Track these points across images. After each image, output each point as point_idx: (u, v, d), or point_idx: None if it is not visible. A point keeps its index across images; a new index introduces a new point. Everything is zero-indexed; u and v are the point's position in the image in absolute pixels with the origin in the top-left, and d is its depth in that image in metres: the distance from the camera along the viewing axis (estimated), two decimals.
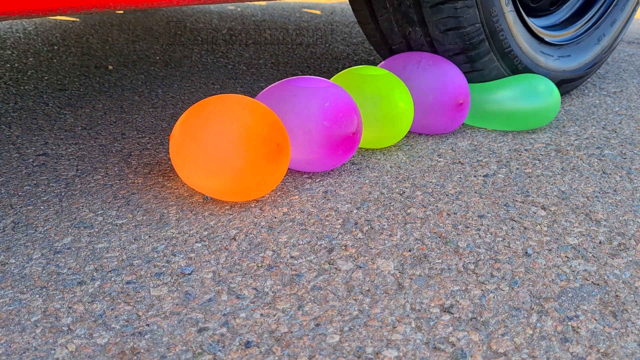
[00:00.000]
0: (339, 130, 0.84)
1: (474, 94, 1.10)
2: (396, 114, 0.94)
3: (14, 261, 0.66)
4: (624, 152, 1.04)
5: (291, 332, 0.56)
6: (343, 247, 0.71)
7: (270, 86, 0.90)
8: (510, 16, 1.16)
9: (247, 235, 0.73)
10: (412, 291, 0.63)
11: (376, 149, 1.02)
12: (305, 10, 2.59)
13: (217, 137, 0.73)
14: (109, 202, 0.80)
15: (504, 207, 0.82)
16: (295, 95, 0.85)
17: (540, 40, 1.25)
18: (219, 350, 0.53)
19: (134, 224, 0.75)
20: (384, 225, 0.76)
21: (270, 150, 0.75)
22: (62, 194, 0.82)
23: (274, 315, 0.58)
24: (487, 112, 1.11)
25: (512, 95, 1.09)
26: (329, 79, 1.00)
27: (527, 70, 1.21)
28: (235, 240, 0.72)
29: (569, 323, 0.58)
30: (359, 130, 0.87)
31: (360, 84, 0.95)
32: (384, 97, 0.94)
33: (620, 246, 0.73)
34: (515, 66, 1.19)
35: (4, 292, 0.61)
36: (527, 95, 1.09)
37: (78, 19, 2.26)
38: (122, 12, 2.40)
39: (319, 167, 0.88)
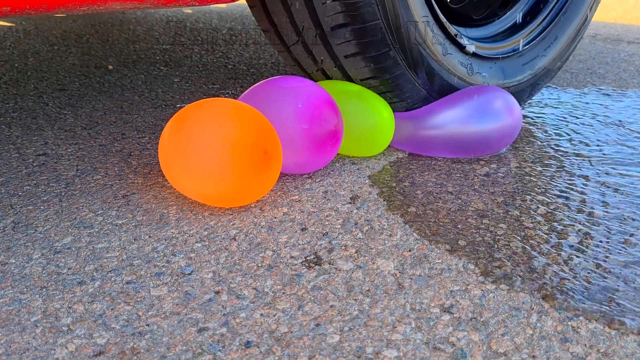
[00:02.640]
0: (319, 129, 0.82)
1: None
2: (380, 121, 0.93)
3: (14, 261, 0.66)
4: (624, 151, 1.04)
5: (291, 332, 0.56)
6: (343, 247, 0.71)
7: (250, 88, 0.87)
8: (480, 79, 1.08)
9: (247, 235, 0.73)
10: (412, 291, 0.63)
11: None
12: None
13: (202, 153, 0.71)
14: (109, 202, 0.80)
15: (504, 207, 0.82)
16: (271, 97, 0.82)
17: (506, 56, 1.15)
18: (219, 350, 0.53)
19: (134, 224, 0.75)
20: (384, 225, 0.76)
21: (259, 160, 0.73)
22: (62, 194, 0.82)
23: (274, 315, 0.58)
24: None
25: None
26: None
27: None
28: (235, 240, 0.72)
29: (569, 323, 0.58)
30: (339, 123, 0.85)
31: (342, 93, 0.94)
32: (368, 102, 0.93)
33: (620, 245, 0.73)
34: None
35: (4, 292, 0.61)
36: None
37: (78, 19, 2.26)
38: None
39: (309, 168, 0.87)
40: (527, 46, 1.16)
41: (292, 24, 0.95)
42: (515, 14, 1.21)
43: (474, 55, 1.07)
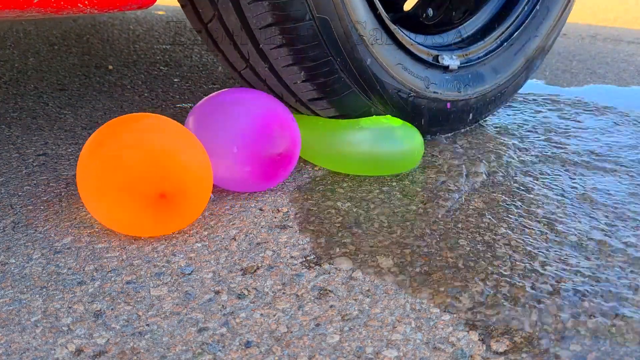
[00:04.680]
0: (266, 151, 0.76)
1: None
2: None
3: (14, 261, 0.66)
4: (623, 151, 1.04)
5: (291, 332, 0.56)
6: (343, 246, 0.71)
7: (204, 99, 0.81)
8: (470, 90, 1.03)
9: (247, 235, 0.73)
10: (412, 291, 0.63)
11: None
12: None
13: (97, 200, 0.67)
14: None
15: (504, 206, 0.82)
16: (219, 111, 0.77)
17: (495, 51, 1.10)
18: (219, 350, 0.53)
19: None
20: (384, 223, 0.76)
21: (155, 205, 0.65)
22: (62, 194, 0.82)
23: (274, 315, 0.58)
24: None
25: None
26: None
27: None
28: (235, 240, 0.72)
29: (569, 323, 0.58)
30: (289, 148, 0.78)
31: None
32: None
33: (620, 245, 0.73)
34: None
35: (4, 292, 0.61)
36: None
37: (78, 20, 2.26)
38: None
39: (246, 188, 0.81)
40: (517, 32, 1.09)
41: (269, 90, 0.97)
42: None
43: (461, 68, 1.02)
